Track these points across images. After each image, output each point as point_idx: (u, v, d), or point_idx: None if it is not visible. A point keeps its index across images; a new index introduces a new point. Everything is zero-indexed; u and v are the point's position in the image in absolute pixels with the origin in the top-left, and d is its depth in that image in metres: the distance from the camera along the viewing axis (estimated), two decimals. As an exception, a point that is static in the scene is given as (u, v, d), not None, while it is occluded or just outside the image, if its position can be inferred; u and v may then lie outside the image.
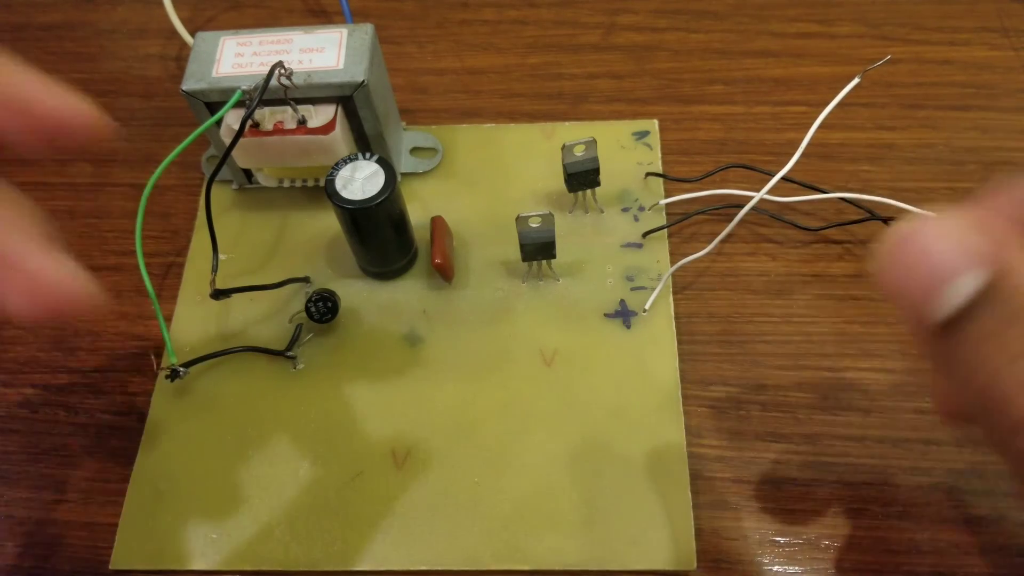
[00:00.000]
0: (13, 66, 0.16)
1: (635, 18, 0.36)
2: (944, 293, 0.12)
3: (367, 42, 0.27)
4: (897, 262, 0.12)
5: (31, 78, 0.16)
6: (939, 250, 0.12)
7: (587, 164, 0.27)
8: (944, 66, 0.33)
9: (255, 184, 0.31)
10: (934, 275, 0.12)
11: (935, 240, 0.12)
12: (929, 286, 0.12)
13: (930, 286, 0.12)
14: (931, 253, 0.12)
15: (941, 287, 0.12)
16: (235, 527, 0.25)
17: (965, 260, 0.12)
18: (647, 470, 0.25)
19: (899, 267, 0.12)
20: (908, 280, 0.12)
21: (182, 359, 0.26)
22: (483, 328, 0.28)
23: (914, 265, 0.12)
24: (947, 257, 0.12)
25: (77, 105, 0.16)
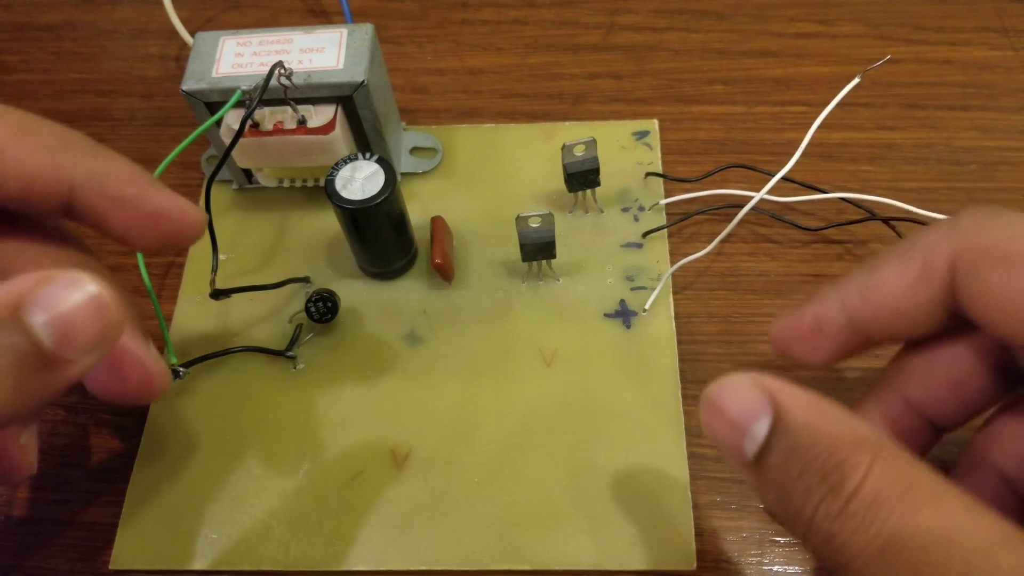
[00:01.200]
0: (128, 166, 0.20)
1: (635, 18, 0.36)
2: (745, 440, 0.15)
3: (367, 42, 0.27)
4: (709, 423, 0.16)
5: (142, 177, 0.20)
6: (733, 408, 0.16)
7: (587, 164, 0.27)
8: (944, 66, 0.33)
9: (255, 184, 0.31)
10: (736, 428, 0.16)
11: (729, 404, 0.16)
12: (736, 435, 0.16)
13: (737, 435, 0.16)
14: (728, 412, 0.16)
15: (744, 435, 0.15)
16: (235, 527, 0.25)
17: (753, 413, 0.15)
18: (647, 470, 0.25)
19: (711, 427, 0.16)
20: (719, 435, 0.16)
21: (182, 359, 0.26)
22: (483, 328, 0.28)
23: (720, 425, 0.16)
24: (741, 412, 0.16)
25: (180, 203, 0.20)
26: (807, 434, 0.15)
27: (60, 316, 0.15)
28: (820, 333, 0.19)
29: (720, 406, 0.16)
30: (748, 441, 0.15)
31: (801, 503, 0.15)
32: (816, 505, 0.14)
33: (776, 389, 0.16)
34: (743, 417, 0.15)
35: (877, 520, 0.14)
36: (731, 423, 0.16)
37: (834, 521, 0.14)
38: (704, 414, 0.16)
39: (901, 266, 0.18)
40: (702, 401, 0.16)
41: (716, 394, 0.16)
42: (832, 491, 0.14)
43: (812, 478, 0.14)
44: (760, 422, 0.15)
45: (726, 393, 0.16)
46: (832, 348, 0.19)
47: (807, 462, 0.15)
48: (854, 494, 0.14)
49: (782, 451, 0.15)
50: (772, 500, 0.15)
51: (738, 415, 0.16)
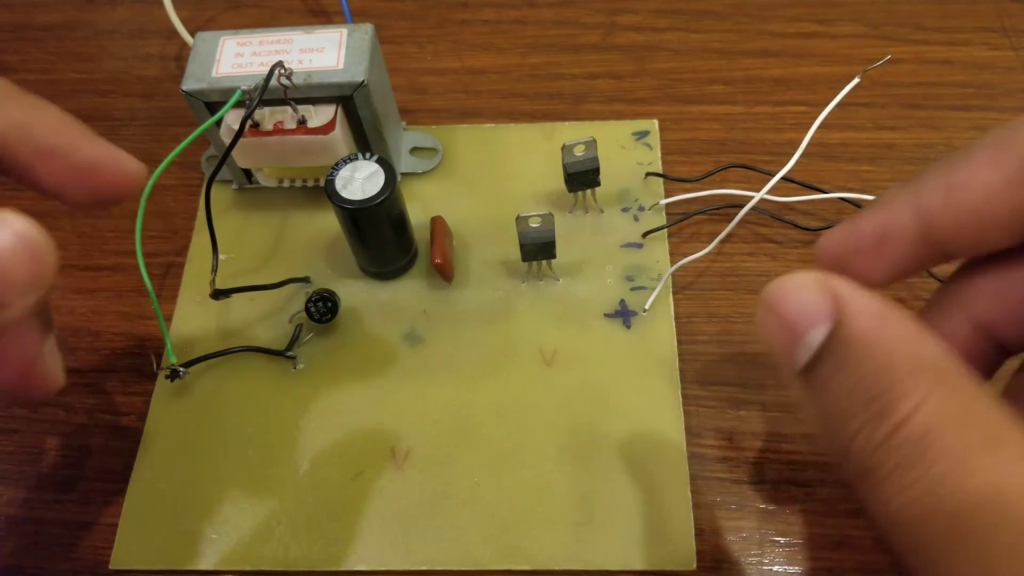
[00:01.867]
0: (57, 115, 0.18)
1: (635, 18, 0.36)
2: (801, 345, 0.14)
3: (367, 42, 0.27)
4: (763, 323, 0.15)
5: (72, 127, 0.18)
6: (793, 311, 0.14)
7: (587, 164, 0.27)
8: (944, 66, 0.33)
9: (255, 184, 0.31)
10: (792, 332, 0.14)
11: (789, 305, 0.14)
12: (790, 340, 0.14)
13: (791, 340, 0.14)
14: (787, 314, 0.14)
15: (799, 340, 0.14)
16: (235, 527, 0.25)
17: (812, 317, 0.14)
18: (647, 470, 0.25)
19: (765, 327, 0.15)
20: (772, 337, 0.15)
21: (182, 359, 0.26)
22: (483, 328, 0.28)
23: (774, 327, 0.14)
24: (800, 315, 0.14)
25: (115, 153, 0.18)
26: (863, 348, 0.13)
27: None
28: (885, 245, 0.17)
29: (778, 306, 0.14)
30: (802, 348, 0.14)
31: (841, 425, 0.13)
32: (856, 430, 0.13)
33: (844, 293, 0.14)
34: (800, 321, 0.14)
35: (924, 460, 0.12)
36: (786, 326, 0.14)
37: (874, 452, 0.13)
38: (761, 313, 0.15)
39: (994, 161, 0.15)
40: (762, 298, 0.15)
41: (776, 292, 0.14)
42: (876, 417, 0.13)
43: (858, 399, 0.13)
44: (818, 329, 0.14)
45: (787, 292, 0.14)
46: (897, 263, 0.17)
47: (856, 379, 0.13)
48: (901, 425, 0.12)
49: (833, 364, 0.13)
50: (814, 417, 0.14)
51: (796, 318, 0.14)
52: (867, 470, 0.13)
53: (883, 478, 0.12)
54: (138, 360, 0.28)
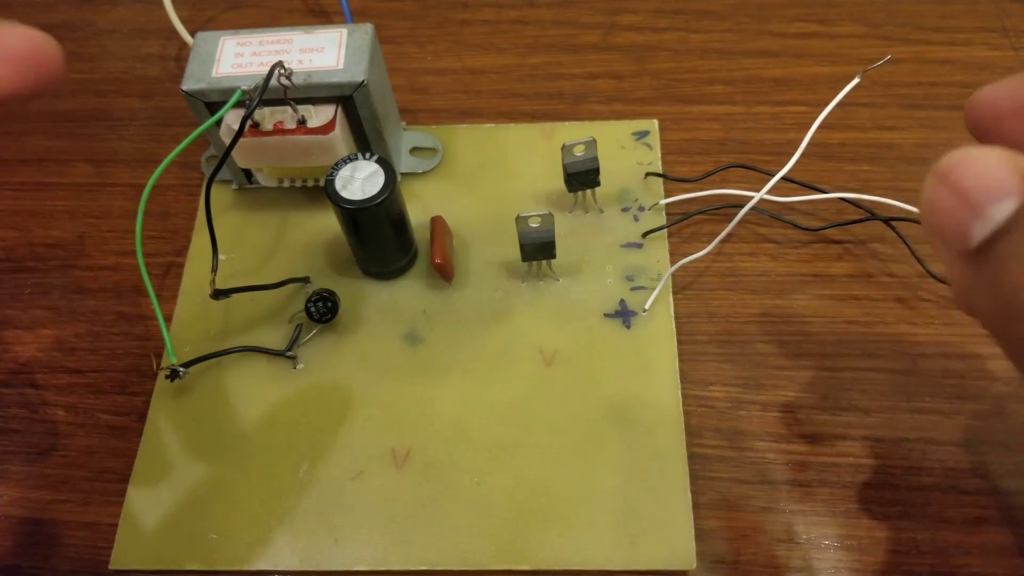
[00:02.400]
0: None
1: (635, 18, 0.36)
2: (982, 218, 0.13)
3: (367, 42, 0.27)
4: (934, 196, 0.13)
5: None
6: (975, 182, 0.13)
7: (587, 164, 0.27)
8: (944, 66, 0.33)
9: (255, 184, 0.31)
10: (971, 206, 0.13)
11: (970, 177, 0.13)
12: (967, 214, 0.13)
13: (968, 214, 0.13)
14: (966, 186, 0.13)
15: (978, 215, 0.13)
16: (235, 527, 0.25)
17: (998, 191, 0.13)
18: (647, 470, 0.25)
19: (934, 201, 0.13)
20: (943, 210, 0.13)
21: (182, 359, 0.26)
22: (483, 328, 0.28)
23: (948, 200, 0.13)
24: (984, 189, 0.13)
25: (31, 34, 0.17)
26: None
27: None
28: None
29: (957, 177, 0.13)
30: (980, 224, 0.13)
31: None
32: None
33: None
34: (984, 193, 0.13)
35: None
36: (965, 198, 0.13)
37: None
38: (931, 186, 0.13)
39: None
40: (933, 170, 0.13)
41: (955, 162, 0.13)
42: None
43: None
44: (1004, 202, 0.13)
45: (969, 163, 0.13)
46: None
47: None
48: None
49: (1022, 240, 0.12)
50: (988, 299, 0.13)
51: (978, 190, 0.13)
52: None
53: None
54: (138, 360, 0.28)
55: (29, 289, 0.30)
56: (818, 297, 0.28)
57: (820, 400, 0.26)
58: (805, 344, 0.27)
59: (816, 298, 0.28)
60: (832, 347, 0.27)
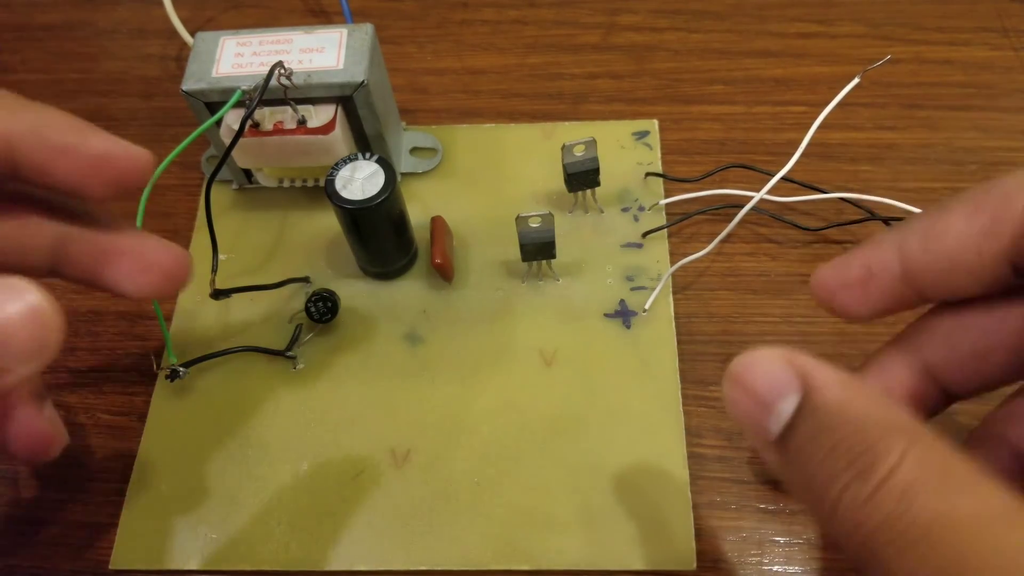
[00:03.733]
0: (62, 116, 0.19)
1: (635, 18, 0.36)
2: (772, 417, 0.15)
3: (367, 42, 0.27)
4: (733, 398, 0.15)
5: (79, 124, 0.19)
6: (761, 384, 0.15)
7: (587, 164, 0.27)
8: (944, 66, 0.33)
9: (255, 184, 0.31)
10: (762, 404, 0.15)
11: (757, 379, 0.15)
12: (761, 412, 0.15)
13: (762, 412, 0.15)
14: (755, 387, 0.15)
15: (769, 412, 0.15)
16: (235, 527, 0.25)
17: (781, 390, 0.15)
18: (647, 470, 0.25)
19: (735, 402, 0.15)
20: (743, 411, 0.15)
21: (182, 359, 0.26)
22: (483, 328, 0.28)
23: (744, 401, 0.15)
24: (769, 389, 0.15)
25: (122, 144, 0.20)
26: (836, 414, 0.14)
27: None
28: (870, 283, 0.18)
29: (746, 381, 0.15)
30: (773, 419, 0.15)
31: (826, 487, 0.14)
32: (842, 490, 0.13)
33: (808, 366, 0.15)
34: (770, 393, 0.15)
35: (912, 509, 0.13)
36: (756, 399, 0.15)
37: (862, 507, 0.13)
38: (728, 388, 0.15)
39: (969, 214, 0.17)
40: (727, 374, 0.15)
41: (742, 368, 0.15)
42: (860, 476, 0.13)
43: (839, 461, 0.14)
44: (787, 399, 0.14)
45: (754, 367, 0.15)
46: (880, 300, 0.18)
47: (834, 443, 0.14)
48: (885, 480, 0.13)
49: (808, 431, 0.14)
50: (795, 482, 0.15)
51: (765, 391, 0.15)
52: (856, 524, 0.13)
53: (872, 532, 0.13)
54: (138, 360, 0.28)
55: (29, 289, 0.30)
56: (818, 297, 0.28)
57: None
58: (805, 344, 0.27)
59: (816, 298, 0.28)
60: (832, 347, 0.27)
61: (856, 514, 0.13)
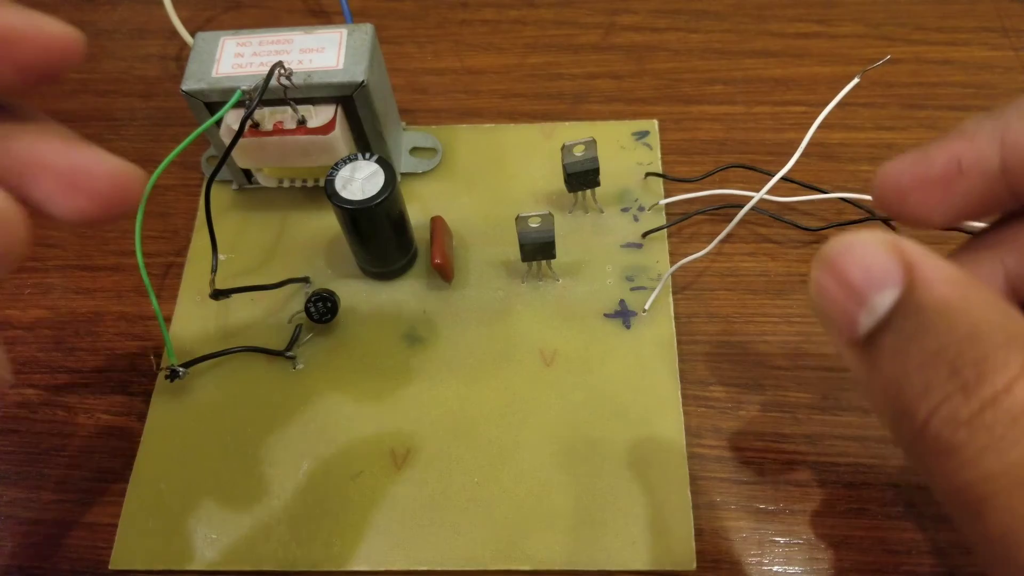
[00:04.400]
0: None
1: (635, 18, 0.36)
2: (864, 310, 0.13)
3: (367, 42, 0.27)
4: (821, 285, 0.13)
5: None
6: (857, 271, 0.13)
7: (587, 164, 0.27)
8: (944, 66, 0.33)
9: (255, 184, 0.31)
10: (855, 295, 0.13)
11: (853, 265, 0.13)
12: (852, 304, 0.13)
13: (853, 304, 0.13)
14: (850, 274, 0.13)
15: (862, 305, 0.13)
16: (235, 527, 0.25)
17: (880, 280, 0.12)
18: (647, 470, 0.25)
19: (822, 289, 0.13)
20: (830, 300, 0.13)
21: (182, 359, 0.26)
22: (483, 328, 0.28)
23: (838, 288, 0.13)
24: (866, 278, 0.13)
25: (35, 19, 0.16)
26: (944, 315, 0.12)
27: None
28: (959, 179, 0.15)
29: (841, 265, 0.13)
30: (866, 313, 0.12)
31: (916, 399, 0.12)
32: (937, 404, 0.12)
33: (917, 257, 0.12)
34: (867, 282, 0.12)
35: None
36: (850, 287, 0.13)
37: (960, 428, 0.11)
38: (817, 273, 0.13)
39: None
40: (818, 257, 0.13)
41: (839, 250, 0.13)
42: (963, 390, 0.11)
43: (939, 370, 0.12)
44: (887, 292, 0.12)
45: (853, 251, 0.13)
46: (967, 202, 0.15)
47: (936, 348, 0.12)
48: (995, 399, 0.11)
49: (906, 331, 0.12)
50: (877, 391, 0.13)
51: (862, 279, 0.12)
52: (949, 449, 0.11)
53: (970, 459, 0.11)
54: (138, 360, 0.28)
55: (29, 289, 0.30)
56: (818, 297, 0.28)
57: (820, 400, 0.26)
58: (805, 344, 0.27)
59: (816, 298, 0.28)
60: (832, 347, 0.27)
61: (953, 434, 0.11)
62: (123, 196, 0.17)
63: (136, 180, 0.17)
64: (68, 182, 0.16)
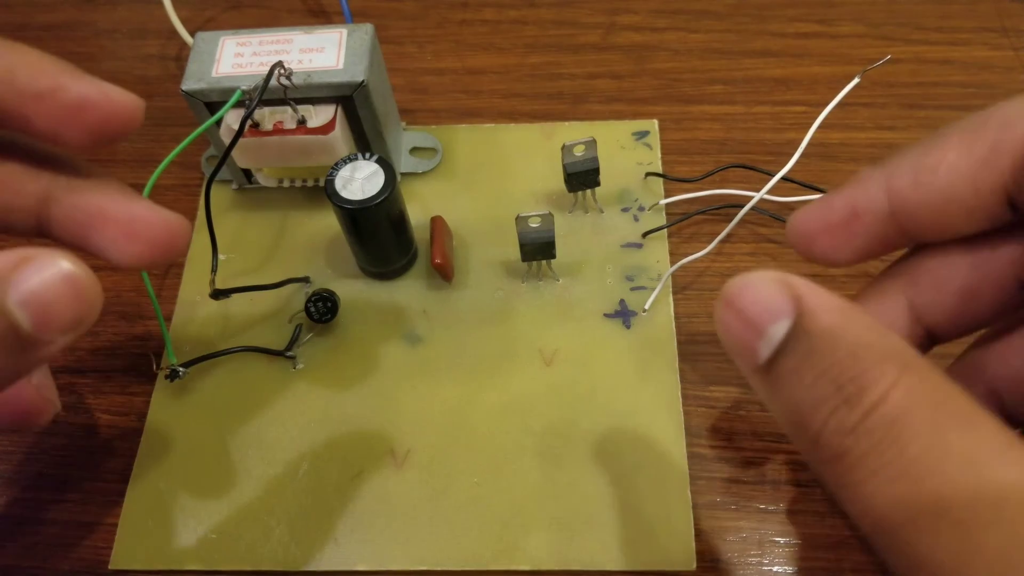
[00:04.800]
0: (36, 56, 0.17)
1: (635, 18, 0.36)
2: (762, 340, 0.14)
3: (367, 42, 0.27)
4: (724, 321, 0.15)
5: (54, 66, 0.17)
6: (753, 307, 0.14)
7: (587, 164, 0.27)
8: (944, 66, 0.33)
9: (255, 184, 0.31)
10: (753, 327, 0.14)
11: (749, 302, 0.14)
12: (752, 335, 0.14)
13: (752, 335, 0.14)
14: (747, 310, 0.14)
15: (760, 336, 0.14)
16: (235, 527, 0.25)
17: (773, 313, 0.14)
18: (647, 470, 0.25)
19: (725, 325, 0.15)
20: (733, 334, 0.14)
21: (182, 359, 0.26)
22: (483, 328, 0.28)
23: (735, 324, 0.14)
24: (761, 311, 0.14)
25: (105, 88, 0.18)
26: (828, 338, 0.13)
27: (37, 297, 0.15)
28: (855, 222, 0.17)
29: (738, 303, 0.14)
30: (763, 343, 0.14)
31: (810, 413, 0.13)
32: (827, 417, 0.13)
33: (803, 290, 0.14)
34: (762, 316, 0.14)
35: (898, 442, 0.12)
36: (747, 322, 0.14)
37: (847, 436, 0.13)
38: (720, 311, 0.15)
39: (966, 144, 0.16)
40: (720, 296, 0.15)
41: (736, 290, 0.14)
42: (847, 402, 0.13)
43: (826, 386, 0.13)
44: (779, 323, 0.14)
45: (747, 290, 0.14)
46: (865, 242, 0.17)
47: (824, 368, 0.13)
48: (873, 408, 0.13)
49: (798, 354, 0.14)
50: (780, 410, 0.14)
51: (757, 314, 0.14)
52: (839, 455, 0.13)
53: (856, 462, 0.13)
54: (138, 360, 0.28)
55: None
56: (818, 297, 0.28)
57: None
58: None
59: (816, 298, 0.28)
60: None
61: (841, 441, 0.13)
62: (175, 242, 0.19)
63: (184, 228, 0.19)
64: (129, 231, 0.18)
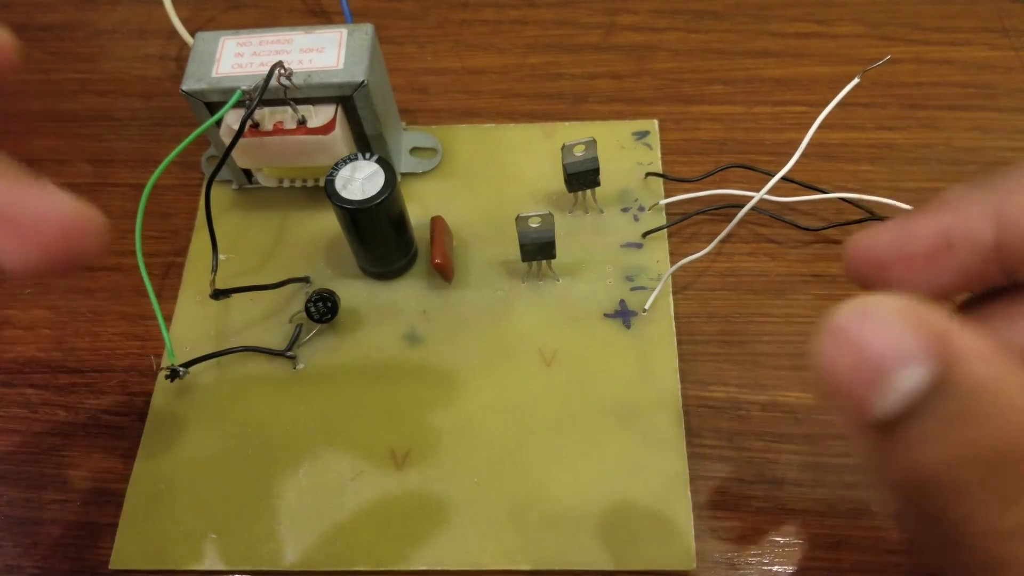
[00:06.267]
0: None
1: (635, 18, 0.36)
2: (884, 389, 0.10)
3: (367, 42, 0.27)
4: (830, 356, 0.11)
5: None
6: (875, 343, 0.10)
7: (587, 164, 0.27)
8: (944, 66, 0.33)
9: (255, 184, 0.31)
10: (872, 371, 0.10)
11: (872, 335, 0.10)
12: (868, 381, 0.10)
13: (869, 381, 0.10)
14: (867, 346, 0.10)
15: (881, 383, 0.10)
16: (235, 527, 0.25)
17: (905, 355, 0.10)
18: (647, 470, 0.25)
19: (831, 361, 0.11)
20: (841, 374, 0.11)
21: (182, 359, 0.26)
22: (483, 328, 0.28)
23: (847, 361, 0.11)
24: (887, 350, 0.10)
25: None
26: (988, 400, 0.10)
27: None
28: (945, 255, 0.13)
29: (855, 334, 0.10)
30: (884, 392, 0.10)
31: (952, 497, 0.10)
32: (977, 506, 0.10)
33: (946, 328, 0.10)
34: (886, 357, 0.10)
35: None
36: (865, 361, 0.10)
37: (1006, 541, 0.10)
38: (825, 342, 0.11)
39: None
40: (826, 324, 0.11)
41: (851, 316, 0.11)
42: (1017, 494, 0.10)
43: (979, 469, 0.10)
44: (910, 368, 0.10)
45: (869, 319, 0.10)
46: (955, 278, 0.14)
47: (979, 441, 0.10)
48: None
49: (940, 417, 0.10)
50: (899, 488, 0.11)
51: (880, 352, 0.10)
52: (992, 565, 0.10)
53: None
54: (138, 360, 0.28)
55: (29, 289, 0.30)
56: (818, 297, 0.28)
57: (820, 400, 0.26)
58: (805, 344, 0.27)
59: (816, 298, 0.28)
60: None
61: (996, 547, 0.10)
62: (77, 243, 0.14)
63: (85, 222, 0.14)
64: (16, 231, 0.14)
